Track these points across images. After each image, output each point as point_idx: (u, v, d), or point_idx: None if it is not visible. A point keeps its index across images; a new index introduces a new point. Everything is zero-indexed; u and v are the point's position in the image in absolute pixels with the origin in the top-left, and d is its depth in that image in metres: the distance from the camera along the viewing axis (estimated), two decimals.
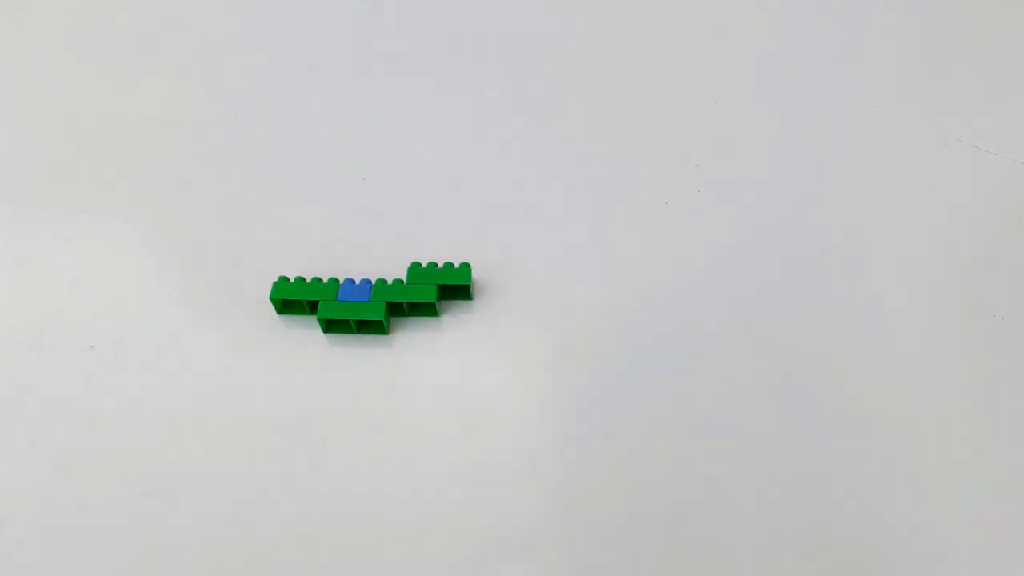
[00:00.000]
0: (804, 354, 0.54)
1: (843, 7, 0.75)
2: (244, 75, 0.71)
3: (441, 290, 0.56)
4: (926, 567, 0.47)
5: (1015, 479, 0.49)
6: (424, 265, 0.56)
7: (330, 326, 0.55)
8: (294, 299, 0.55)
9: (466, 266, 0.56)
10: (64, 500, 0.49)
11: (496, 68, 0.71)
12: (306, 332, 0.56)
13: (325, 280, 0.56)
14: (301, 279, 0.56)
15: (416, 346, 0.55)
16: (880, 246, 0.60)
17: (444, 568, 0.47)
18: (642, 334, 0.55)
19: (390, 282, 0.55)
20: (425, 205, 0.62)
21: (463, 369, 0.54)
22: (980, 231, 0.61)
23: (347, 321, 0.55)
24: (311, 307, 0.55)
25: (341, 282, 0.55)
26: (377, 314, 0.54)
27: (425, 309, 0.56)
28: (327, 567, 0.47)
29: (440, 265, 0.56)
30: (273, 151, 0.66)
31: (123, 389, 0.53)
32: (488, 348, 0.55)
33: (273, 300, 0.55)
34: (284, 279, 0.56)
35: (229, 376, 0.54)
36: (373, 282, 0.55)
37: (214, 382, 0.53)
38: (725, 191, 0.63)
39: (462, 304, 0.57)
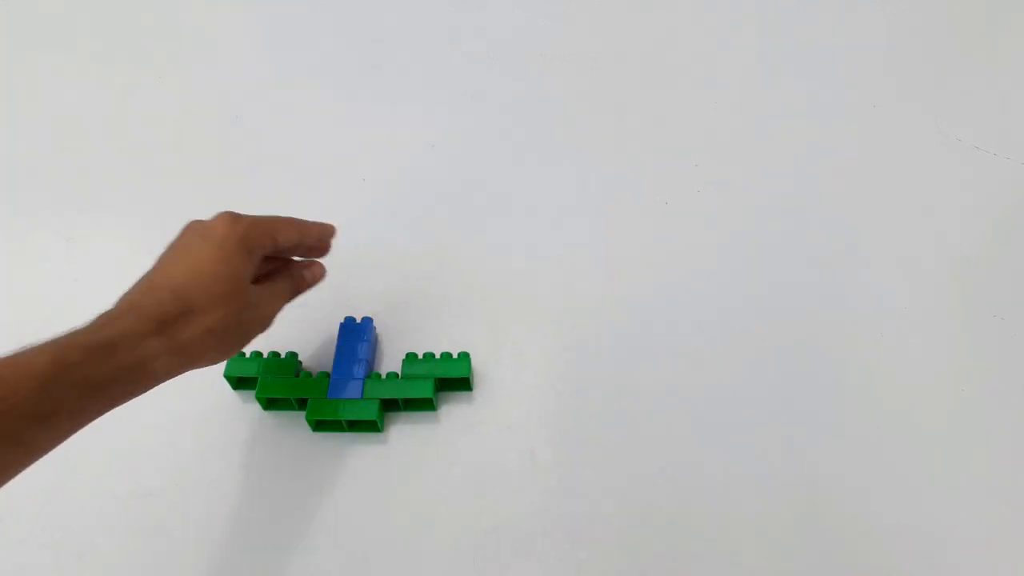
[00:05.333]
0: (804, 354, 0.54)
1: (843, 7, 0.75)
2: (244, 77, 0.71)
3: (439, 381, 0.51)
4: (925, 564, 0.47)
5: (1015, 478, 0.49)
6: (420, 356, 0.51)
7: (319, 425, 0.50)
8: (281, 397, 0.50)
9: (465, 356, 0.51)
10: (64, 497, 0.49)
11: (496, 69, 0.71)
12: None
13: (318, 373, 0.51)
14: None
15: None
16: (880, 246, 0.60)
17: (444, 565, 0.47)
18: (642, 333, 0.55)
19: (384, 375, 0.51)
20: (423, 206, 0.62)
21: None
22: (980, 231, 0.61)
23: (338, 420, 0.49)
24: (299, 404, 0.50)
25: (333, 360, 0.51)
26: (370, 413, 0.49)
27: (422, 403, 0.51)
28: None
29: (437, 355, 0.51)
30: (273, 151, 0.66)
31: None
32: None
33: (259, 398, 0.50)
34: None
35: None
36: (367, 370, 0.51)
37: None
38: (725, 191, 0.63)
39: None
